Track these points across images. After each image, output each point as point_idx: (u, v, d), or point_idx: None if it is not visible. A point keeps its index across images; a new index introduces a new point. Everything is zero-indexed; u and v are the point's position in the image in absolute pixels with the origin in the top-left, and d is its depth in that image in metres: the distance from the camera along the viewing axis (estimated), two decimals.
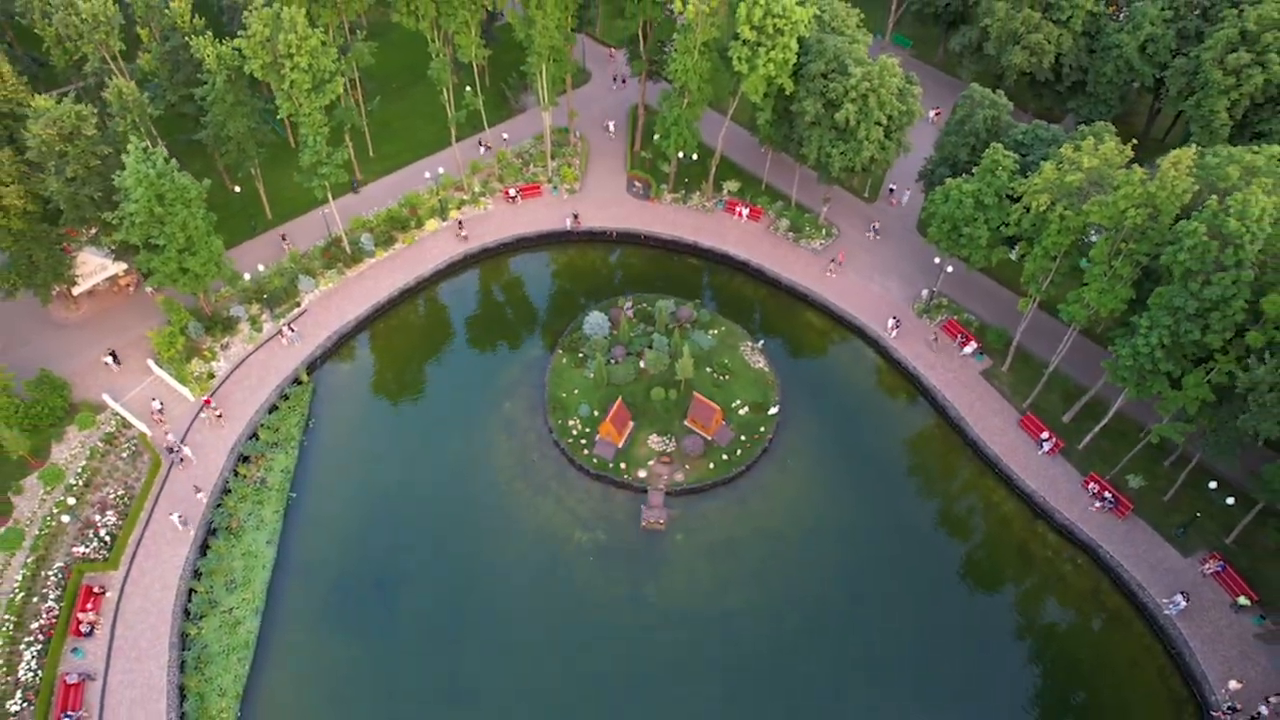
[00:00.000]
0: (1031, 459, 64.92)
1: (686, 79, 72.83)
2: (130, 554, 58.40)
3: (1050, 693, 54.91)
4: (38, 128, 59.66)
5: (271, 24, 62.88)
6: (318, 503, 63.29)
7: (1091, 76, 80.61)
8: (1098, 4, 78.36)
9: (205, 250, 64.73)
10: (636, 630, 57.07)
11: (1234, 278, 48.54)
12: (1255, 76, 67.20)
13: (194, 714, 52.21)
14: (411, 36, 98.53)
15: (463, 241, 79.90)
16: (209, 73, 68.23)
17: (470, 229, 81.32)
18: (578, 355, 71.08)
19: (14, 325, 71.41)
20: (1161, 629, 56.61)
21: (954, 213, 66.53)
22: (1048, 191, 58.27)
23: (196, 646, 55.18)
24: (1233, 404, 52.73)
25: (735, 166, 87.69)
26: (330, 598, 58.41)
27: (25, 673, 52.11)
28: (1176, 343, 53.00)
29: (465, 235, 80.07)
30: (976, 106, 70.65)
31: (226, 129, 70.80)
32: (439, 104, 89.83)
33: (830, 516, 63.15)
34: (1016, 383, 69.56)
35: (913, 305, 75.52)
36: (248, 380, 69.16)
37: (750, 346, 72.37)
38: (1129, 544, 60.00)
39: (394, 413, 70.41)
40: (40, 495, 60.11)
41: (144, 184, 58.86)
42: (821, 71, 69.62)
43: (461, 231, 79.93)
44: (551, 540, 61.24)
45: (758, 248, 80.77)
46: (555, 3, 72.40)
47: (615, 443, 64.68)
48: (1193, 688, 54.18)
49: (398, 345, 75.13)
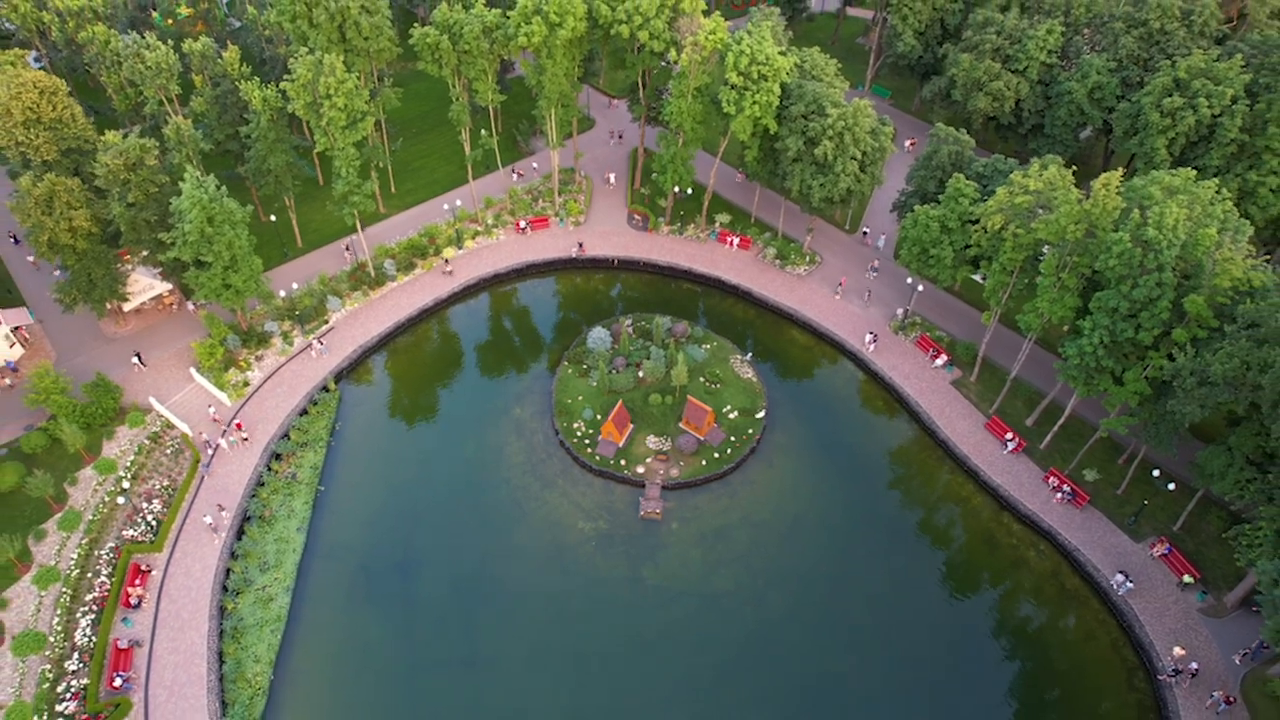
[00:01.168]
0: (997, 457, 70.97)
1: (681, 121, 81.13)
2: (173, 538, 64.21)
3: (1015, 662, 60.01)
4: (107, 158, 67.53)
5: (314, 69, 71.25)
6: (344, 495, 69.27)
7: (1048, 120, 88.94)
8: (1050, 56, 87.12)
9: (247, 268, 71.94)
10: (634, 607, 62.43)
11: (1156, 279, 55.40)
12: (1188, 117, 75.04)
13: (231, 676, 57.39)
14: (429, 88, 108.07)
15: (450, 278, 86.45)
16: (254, 113, 76.56)
17: (483, 257, 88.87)
18: (582, 366, 77.74)
19: (70, 338, 78.45)
20: (1115, 606, 61.88)
21: (922, 236, 73.95)
22: (1001, 212, 65.61)
23: (233, 619, 60.61)
24: (1166, 396, 59.03)
25: (726, 202, 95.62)
26: (355, 578, 63.98)
27: (81, 638, 57.50)
28: (1115, 342, 59.58)
29: (451, 271, 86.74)
30: (942, 143, 78.77)
31: (267, 163, 78.83)
32: (455, 147, 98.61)
33: (812, 508, 68.97)
34: (983, 390, 75.99)
35: (889, 323, 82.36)
36: (280, 388, 75.73)
37: (739, 359, 79.03)
38: (1086, 531, 65.64)
39: (413, 417, 76.82)
40: (94, 485, 66.20)
41: (198, 206, 66.27)
42: (802, 113, 77.77)
43: (448, 268, 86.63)
44: (558, 528, 66.99)
45: (747, 273, 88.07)
46: (564, 53, 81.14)
47: (616, 442, 70.87)
48: (1142, 656, 59.29)
49: (417, 358, 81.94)
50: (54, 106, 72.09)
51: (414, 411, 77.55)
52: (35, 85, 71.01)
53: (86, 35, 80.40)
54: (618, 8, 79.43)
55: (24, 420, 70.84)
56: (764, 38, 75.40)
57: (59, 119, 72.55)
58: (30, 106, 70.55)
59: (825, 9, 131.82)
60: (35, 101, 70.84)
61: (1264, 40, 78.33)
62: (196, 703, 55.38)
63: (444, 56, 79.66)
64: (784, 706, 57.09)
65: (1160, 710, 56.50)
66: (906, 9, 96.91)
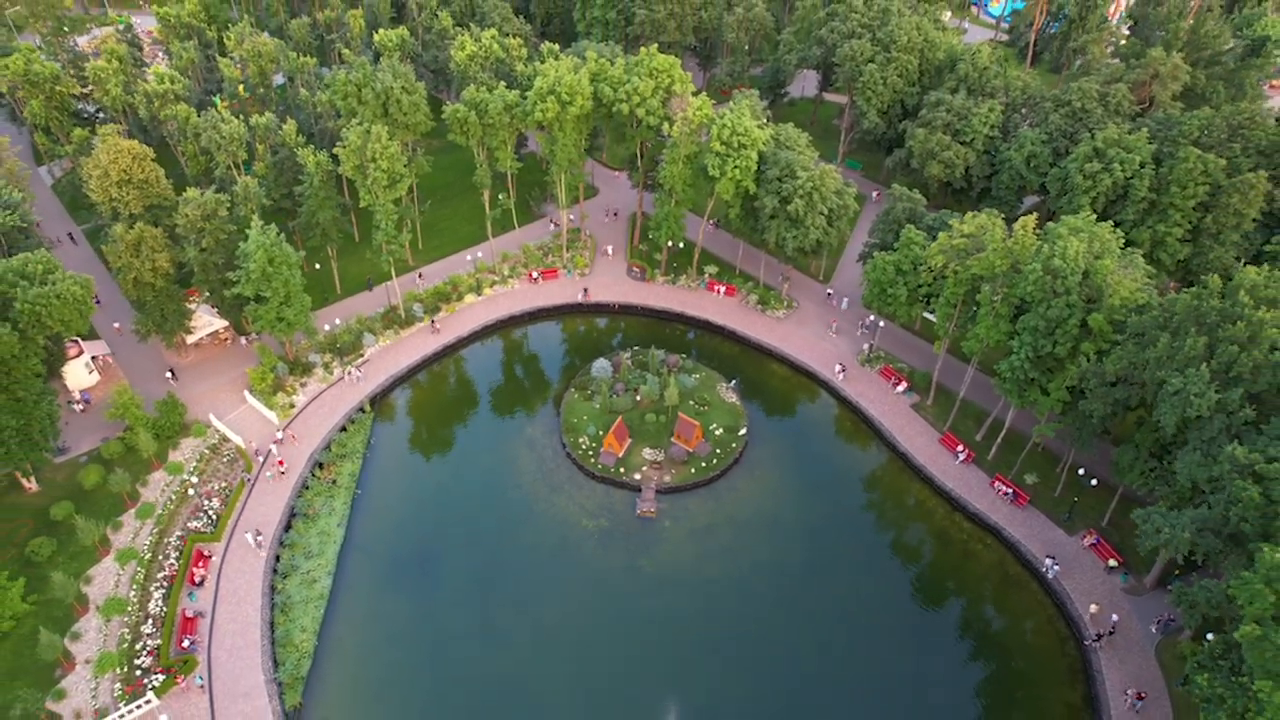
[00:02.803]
0: (950, 466, 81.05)
1: (673, 183, 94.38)
2: (230, 530, 73.85)
3: (966, 635, 68.89)
4: (188, 209, 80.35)
5: (363, 137, 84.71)
6: (377, 498, 79.23)
7: (994, 183, 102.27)
8: (992, 130, 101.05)
9: (298, 303, 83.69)
10: (632, 591, 71.54)
11: (1065, 301, 66.85)
12: (1105, 179, 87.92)
13: (281, 642, 66.29)
14: (454, 161, 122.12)
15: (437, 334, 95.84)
16: (308, 174, 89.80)
17: (500, 302, 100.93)
18: (587, 392, 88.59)
19: (141, 366, 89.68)
20: (1050, 587, 70.98)
21: (880, 278, 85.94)
22: (943, 253, 77.64)
23: (282, 597, 69.83)
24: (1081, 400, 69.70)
25: (713, 256, 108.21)
26: (387, 565, 73.38)
27: (154, 608, 66.67)
28: (1038, 356, 70.62)
29: (438, 329, 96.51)
30: (897, 201, 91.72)
31: (317, 216, 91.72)
32: (475, 210, 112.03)
33: (788, 509, 78.71)
34: (938, 411, 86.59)
35: (856, 357, 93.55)
36: (322, 409, 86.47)
37: (725, 386, 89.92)
38: (1026, 527, 75.21)
39: (438, 434, 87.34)
40: (164, 485, 76.34)
41: (261, 249, 78.42)
42: (777, 175, 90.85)
43: (436, 327, 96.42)
44: (564, 525, 76.63)
45: (732, 316, 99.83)
46: (573, 128, 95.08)
47: (616, 453, 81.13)
48: (1072, 627, 68.12)
49: (441, 386, 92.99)
50: (142, 169, 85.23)
51: (438, 430, 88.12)
52: (129, 152, 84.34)
53: (170, 112, 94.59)
54: (619, 89, 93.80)
55: (99, 434, 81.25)
56: (743, 113, 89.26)
57: (146, 179, 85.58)
58: (124, 169, 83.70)
59: (804, 94, 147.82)
60: (129, 165, 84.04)
61: (1167, 117, 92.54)
62: (252, 662, 64.17)
63: (471, 129, 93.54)
64: (763, 674, 65.70)
65: (1086, 670, 65.13)
66: (870, 92, 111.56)
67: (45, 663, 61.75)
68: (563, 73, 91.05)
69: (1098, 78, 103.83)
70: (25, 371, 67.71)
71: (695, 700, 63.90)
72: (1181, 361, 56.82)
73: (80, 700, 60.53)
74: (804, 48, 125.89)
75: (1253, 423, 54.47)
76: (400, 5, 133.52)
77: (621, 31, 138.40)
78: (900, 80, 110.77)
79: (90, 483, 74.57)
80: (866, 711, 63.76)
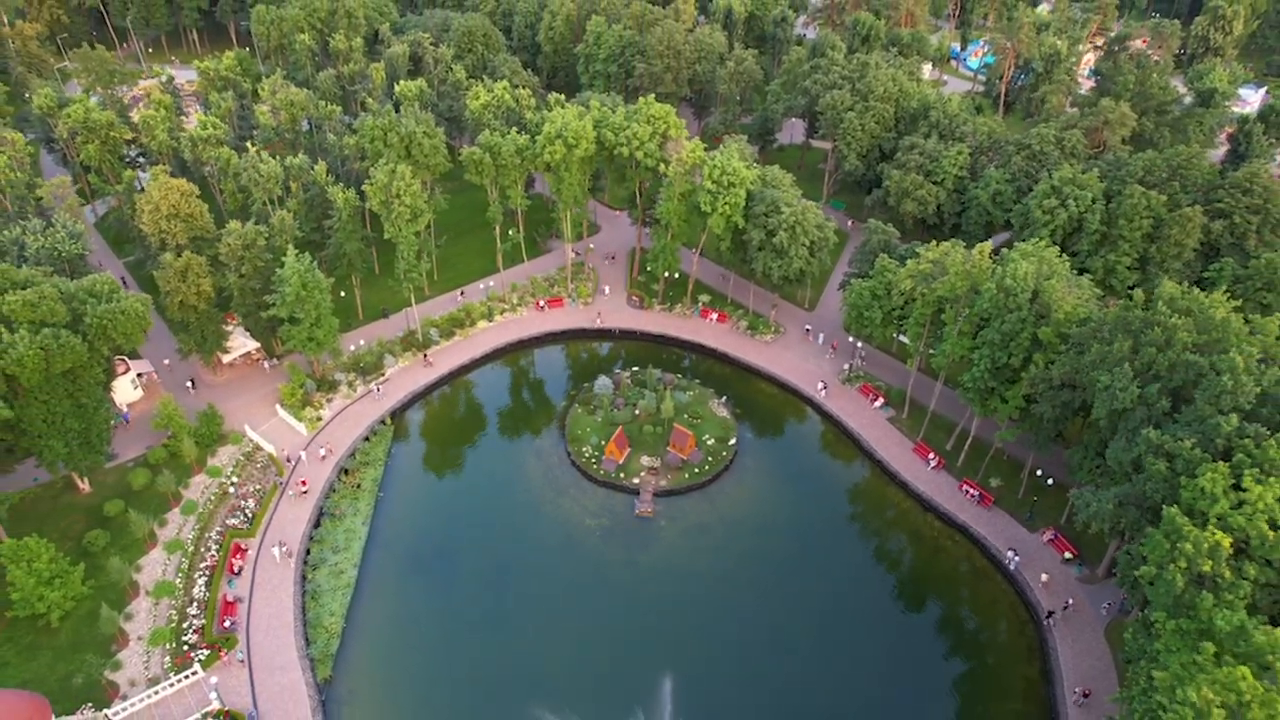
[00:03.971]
0: (922, 472, 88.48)
1: (669, 218, 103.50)
2: (264, 527, 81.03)
3: (935, 619, 75.65)
4: (230, 239, 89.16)
5: (389, 175, 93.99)
6: (398, 500, 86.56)
7: (963, 219, 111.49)
8: (961, 170, 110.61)
9: (327, 325, 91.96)
10: (630, 583, 78.42)
11: (1018, 316, 75.13)
12: (1061, 214, 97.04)
13: (312, 624, 73.10)
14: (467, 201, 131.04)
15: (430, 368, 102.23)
16: (337, 210, 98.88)
17: (509, 328, 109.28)
18: (590, 407, 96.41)
19: (181, 383, 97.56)
20: (1013, 578, 77.89)
21: (857, 302, 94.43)
22: (911, 278, 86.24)
23: (312, 585, 76.80)
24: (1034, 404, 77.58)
25: (706, 286, 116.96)
26: (406, 559, 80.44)
27: (197, 592, 73.58)
28: (997, 367, 78.68)
29: (431, 363, 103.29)
30: (873, 234, 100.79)
31: (344, 248, 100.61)
32: (486, 245, 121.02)
33: (774, 510, 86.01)
34: (911, 424, 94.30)
35: (838, 376, 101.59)
36: (346, 422, 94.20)
37: (716, 402, 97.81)
38: (991, 524, 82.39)
39: (452, 444, 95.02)
40: (204, 487, 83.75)
41: (296, 275, 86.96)
42: (763, 211, 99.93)
43: (428, 360, 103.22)
44: (568, 524, 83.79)
45: (724, 340, 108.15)
46: (578, 168, 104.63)
47: (617, 460, 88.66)
48: (1031, 611, 74.94)
49: (456, 402, 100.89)
50: (188, 204, 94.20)
51: (453, 440, 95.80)
52: (178, 189, 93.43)
53: (212, 154, 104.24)
54: (620, 134, 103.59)
55: (142, 443, 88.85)
56: (732, 155, 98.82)
57: (191, 214, 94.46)
58: (173, 204, 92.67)
59: (793, 141, 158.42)
60: (177, 201, 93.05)
61: (1116, 159, 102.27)
62: (286, 641, 70.90)
63: (485, 169, 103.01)
64: (751, 654, 72.47)
65: (1043, 648, 71.85)
66: (850, 137, 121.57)
67: (104, 637, 68.56)
68: (569, 119, 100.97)
69: (1056, 124, 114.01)
70: (90, 380, 75.68)
71: (687, 677, 70.18)
72: (1110, 363, 64.86)
73: (134, 670, 67.21)
74: (790, 98, 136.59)
75: (1168, 413, 62.18)
76: (417, 59, 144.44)
77: (622, 84, 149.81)
78: (877, 126, 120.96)
79: (139, 484, 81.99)
80: (846, 685, 70.20)
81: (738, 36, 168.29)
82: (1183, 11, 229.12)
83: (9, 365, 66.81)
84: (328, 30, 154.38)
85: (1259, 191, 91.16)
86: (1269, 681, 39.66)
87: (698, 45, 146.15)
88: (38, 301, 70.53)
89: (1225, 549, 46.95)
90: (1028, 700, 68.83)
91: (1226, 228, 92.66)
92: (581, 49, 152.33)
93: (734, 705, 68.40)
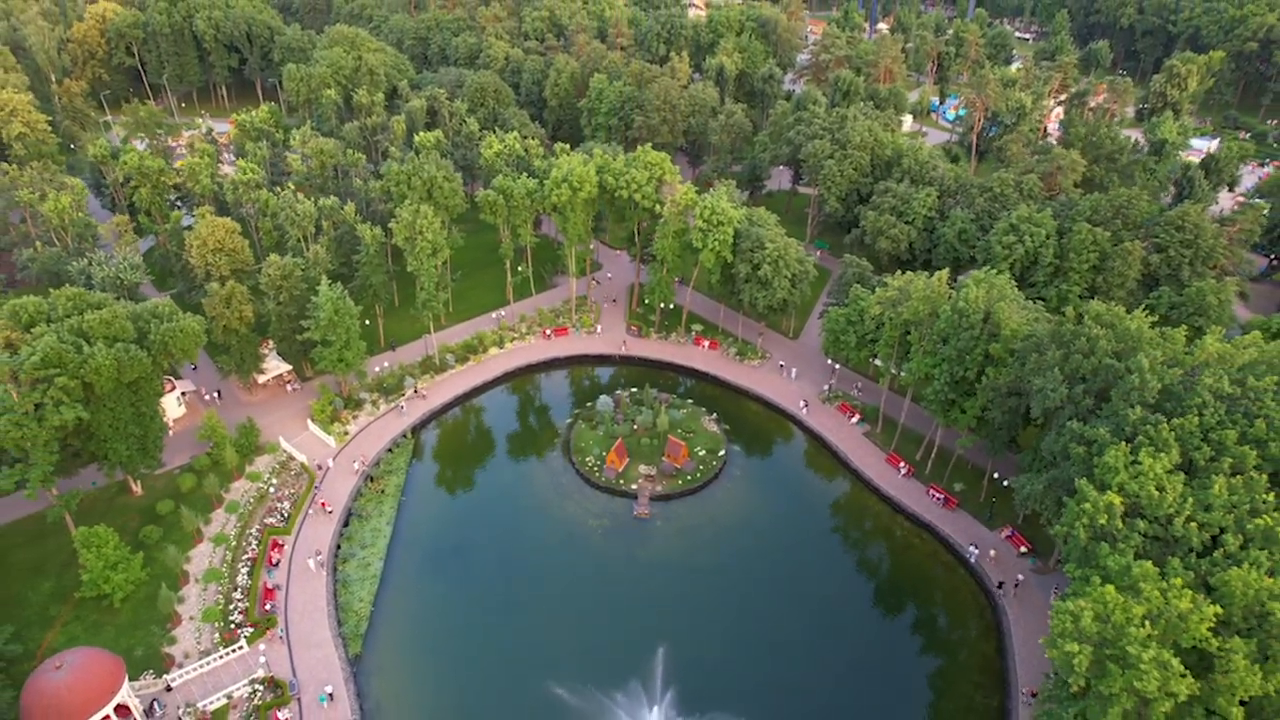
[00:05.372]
0: (894, 479, 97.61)
1: (665, 254, 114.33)
2: (299, 526, 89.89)
3: (904, 605, 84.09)
4: (270, 270, 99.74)
5: (413, 214, 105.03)
6: (419, 504, 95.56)
7: (933, 256, 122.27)
8: (930, 211, 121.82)
9: (355, 347, 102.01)
10: (630, 575, 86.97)
11: (972, 334, 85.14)
12: (1018, 249, 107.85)
13: (343, 608, 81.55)
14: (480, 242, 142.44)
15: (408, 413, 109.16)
16: (365, 245, 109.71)
17: (518, 354, 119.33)
18: (592, 423, 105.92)
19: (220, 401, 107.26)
20: (973, 570, 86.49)
21: (834, 328, 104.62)
22: (879, 304, 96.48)
23: (342, 575, 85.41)
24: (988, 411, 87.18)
25: (699, 316, 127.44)
26: (427, 554, 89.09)
27: (240, 580, 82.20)
28: (955, 380, 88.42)
29: (425, 396, 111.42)
30: (849, 267, 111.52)
31: (370, 280, 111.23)
32: (497, 280, 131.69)
33: (760, 512, 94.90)
34: (884, 437, 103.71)
35: (818, 395, 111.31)
36: (370, 436, 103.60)
37: (707, 418, 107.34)
38: (955, 524, 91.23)
39: (467, 456, 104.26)
40: (244, 490, 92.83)
41: (330, 302, 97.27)
42: (749, 247, 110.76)
43: (422, 394, 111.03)
44: (573, 524, 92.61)
45: (715, 364, 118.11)
46: (582, 209, 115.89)
47: (617, 468, 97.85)
48: (989, 597, 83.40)
49: (470, 419, 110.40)
50: (231, 240, 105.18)
51: (468, 452, 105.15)
52: (223, 227, 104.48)
53: (252, 196, 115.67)
54: (620, 179, 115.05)
55: (186, 454, 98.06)
56: (720, 197, 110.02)
57: (234, 248, 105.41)
58: (219, 240, 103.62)
59: (781, 188, 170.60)
60: (222, 237, 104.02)
61: (1068, 200, 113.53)
62: (320, 622, 79.29)
63: (498, 210, 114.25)
64: (738, 635, 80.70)
65: (998, 629, 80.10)
66: (830, 182, 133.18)
67: (161, 615, 77.10)
68: (574, 165, 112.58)
69: (1015, 169, 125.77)
70: (149, 392, 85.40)
71: (679, 653, 78.05)
72: (1044, 369, 74.68)
73: (188, 644, 75.61)
74: (776, 147, 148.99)
75: (1093, 409, 71.76)
76: (434, 112, 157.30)
77: (622, 135, 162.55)
78: (855, 172, 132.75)
79: (186, 487, 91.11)
80: (822, 659, 78.27)
81: (729, 92, 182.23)
82: (1149, 69, 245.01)
83: (88, 373, 76.66)
84: (351, 86, 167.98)
85: (1190, 228, 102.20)
86: (1132, 596, 48.74)
87: (692, 100, 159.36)
88: (111, 320, 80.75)
89: (1118, 507, 56.01)
90: (984, 672, 76.94)
91: (1164, 260, 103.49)
92: (585, 103, 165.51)
93: (721, 677, 76.38)
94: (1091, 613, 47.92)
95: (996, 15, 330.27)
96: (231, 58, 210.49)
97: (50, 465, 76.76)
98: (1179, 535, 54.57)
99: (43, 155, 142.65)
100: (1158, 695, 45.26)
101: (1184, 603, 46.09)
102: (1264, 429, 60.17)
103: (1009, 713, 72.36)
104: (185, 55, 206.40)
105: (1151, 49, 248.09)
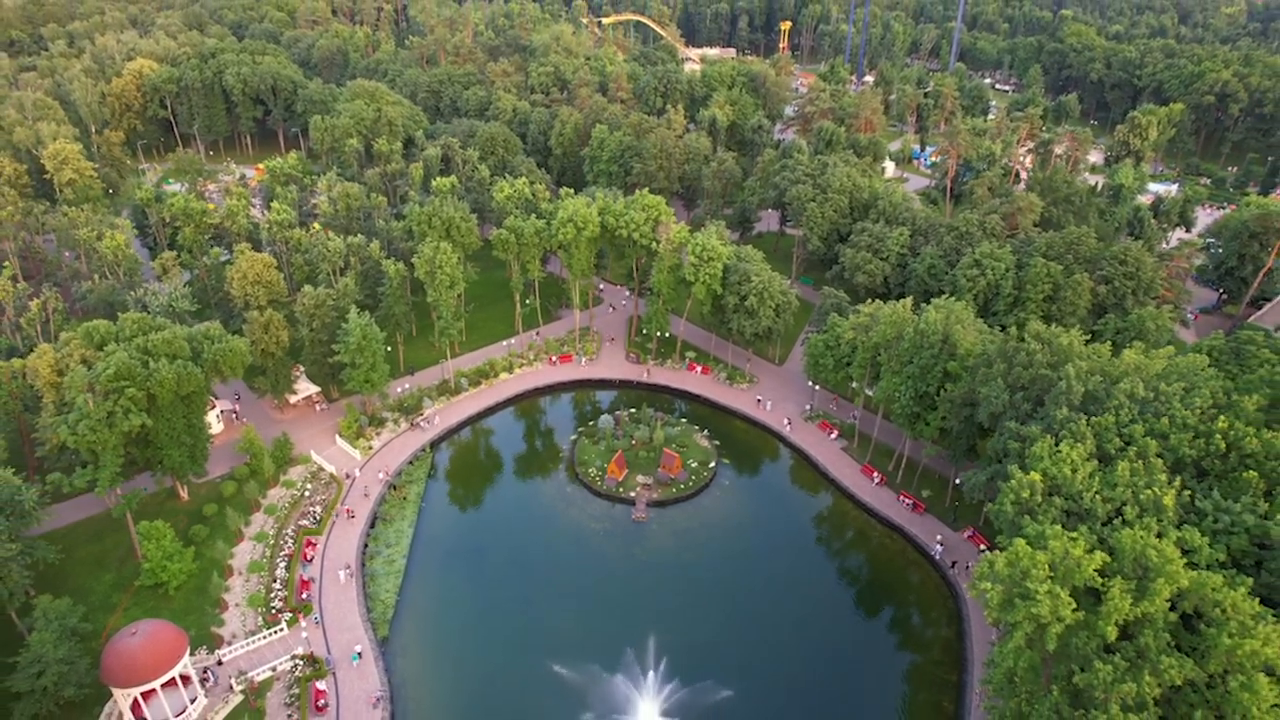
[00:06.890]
0: (868, 487, 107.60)
1: (660, 287, 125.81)
2: (330, 527, 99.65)
3: (874, 596, 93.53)
4: (305, 300, 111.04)
5: (433, 250, 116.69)
6: (437, 509, 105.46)
7: (906, 288, 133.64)
8: (902, 248, 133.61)
9: (380, 370, 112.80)
10: (629, 571, 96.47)
11: (931, 353, 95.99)
12: (981, 281, 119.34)
13: (371, 598, 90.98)
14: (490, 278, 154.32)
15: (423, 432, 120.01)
16: (389, 279, 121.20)
17: (526, 379, 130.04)
18: (594, 438, 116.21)
19: (254, 418, 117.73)
20: (937, 566, 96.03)
21: (813, 353, 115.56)
22: (852, 330, 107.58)
23: (369, 570, 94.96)
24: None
25: (692, 344, 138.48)
26: (446, 551, 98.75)
27: (279, 573, 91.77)
28: (919, 394, 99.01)
29: (436, 421, 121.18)
30: (828, 298, 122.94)
31: (393, 310, 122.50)
32: (506, 312, 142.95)
33: (748, 516, 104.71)
34: (860, 451, 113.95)
35: (801, 414, 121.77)
36: (392, 451, 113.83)
37: (699, 435, 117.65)
38: (923, 526, 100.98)
39: (481, 468, 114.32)
40: (280, 496, 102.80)
41: (359, 328, 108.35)
42: (737, 280, 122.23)
43: (429, 420, 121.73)
44: (577, 527, 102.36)
45: (707, 388, 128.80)
46: (585, 246, 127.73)
47: (617, 478, 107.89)
48: (950, 588, 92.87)
49: (483, 436, 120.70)
50: (269, 274, 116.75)
51: (481, 464, 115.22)
52: (261, 261, 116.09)
53: (285, 235, 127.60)
54: (620, 219, 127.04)
55: (226, 464, 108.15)
56: (711, 236, 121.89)
57: (270, 281, 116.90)
58: (257, 273, 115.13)
59: (770, 229, 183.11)
60: (260, 271, 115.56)
61: (1026, 238, 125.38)
62: (351, 609, 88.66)
63: (510, 247, 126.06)
64: (725, 624, 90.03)
65: (959, 616, 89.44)
66: (813, 223, 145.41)
67: (211, 600, 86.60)
68: (578, 206, 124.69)
69: (980, 210, 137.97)
70: (200, 404, 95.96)
71: (671, 639, 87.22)
72: (990, 379, 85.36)
73: (234, 626, 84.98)
74: (763, 191, 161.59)
75: (1030, 413, 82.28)
76: (447, 160, 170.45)
77: (622, 180, 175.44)
78: (835, 214, 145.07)
79: (228, 492, 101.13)
80: (801, 644, 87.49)
81: (721, 141, 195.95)
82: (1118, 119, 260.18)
83: (153, 385, 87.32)
84: (372, 136, 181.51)
85: (1132, 262, 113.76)
86: (1040, 549, 58.87)
87: (686, 149, 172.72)
88: (172, 340, 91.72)
89: (1040, 485, 66.26)
90: (945, 650, 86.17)
91: (1110, 291, 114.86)
92: (587, 151, 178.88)
93: (709, 657, 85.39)
94: (1005, 560, 57.98)
95: (977, 69, 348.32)
96: (256, 109, 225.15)
97: (117, 467, 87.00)
98: (1088, 508, 64.69)
99: (90, 199, 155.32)
100: (1050, 619, 55.16)
101: (1078, 550, 56.23)
102: (1167, 425, 70.72)
103: (964, 686, 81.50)
104: (214, 107, 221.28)
105: (1120, 101, 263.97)
